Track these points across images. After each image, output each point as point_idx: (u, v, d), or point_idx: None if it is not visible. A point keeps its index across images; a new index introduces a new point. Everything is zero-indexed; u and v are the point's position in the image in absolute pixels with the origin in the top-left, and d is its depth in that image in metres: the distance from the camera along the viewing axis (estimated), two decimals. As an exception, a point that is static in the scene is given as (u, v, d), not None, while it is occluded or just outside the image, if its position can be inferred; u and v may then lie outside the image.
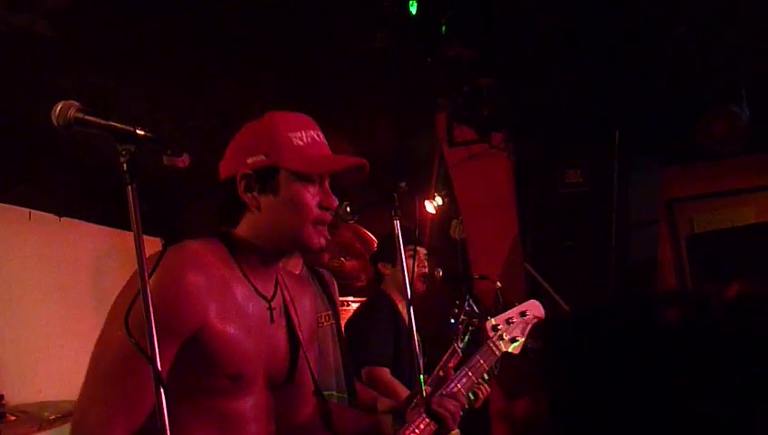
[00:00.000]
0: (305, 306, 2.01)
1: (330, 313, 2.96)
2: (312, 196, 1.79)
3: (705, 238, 5.48)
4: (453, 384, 2.29)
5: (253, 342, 1.74)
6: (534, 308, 2.61)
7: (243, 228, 1.81)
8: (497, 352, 2.46)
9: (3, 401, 3.64)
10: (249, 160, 1.77)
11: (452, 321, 2.89)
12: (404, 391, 3.73)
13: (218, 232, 1.83)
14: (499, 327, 2.49)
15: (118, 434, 1.55)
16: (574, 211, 5.13)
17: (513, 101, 4.86)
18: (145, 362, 1.37)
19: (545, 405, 5.29)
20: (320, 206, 1.80)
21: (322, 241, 1.82)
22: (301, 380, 1.94)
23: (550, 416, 5.19)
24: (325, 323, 2.89)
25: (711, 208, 5.62)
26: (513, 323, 2.53)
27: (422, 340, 2.84)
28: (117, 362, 1.57)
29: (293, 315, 1.92)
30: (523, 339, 2.54)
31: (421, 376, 2.27)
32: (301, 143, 1.79)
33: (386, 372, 3.72)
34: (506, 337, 2.49)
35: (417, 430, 2.13)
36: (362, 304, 4.06)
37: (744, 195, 5.65)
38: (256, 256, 1.80)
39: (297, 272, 2.60)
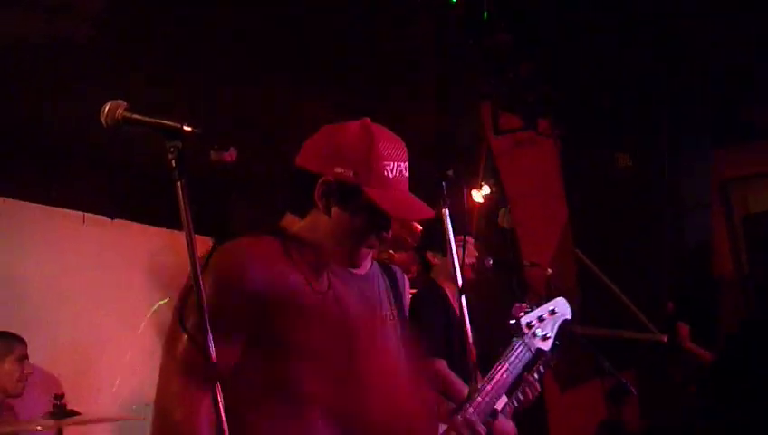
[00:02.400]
0: (358, 297, 2.05)
1: (395, 312, 2.93)
2: (377, 228, 1.82)
3: (761, 218, 5.36)
4: (483, 393, 2.26)
5: (314, 329, 1.76)
6: (562, 306, 2.61)
7: (306, 224, 1.83)
8: (532, 349, 2.46)
9: (63, 401, 3.72)
10: (337, 170, 1.77)
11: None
12: (460, 384, 3.71)
13: (272, 228, 1.85)
14: (532, 324, 2.49)
15: (202, 425, 1.57)
16: (625, 196, 5.05)
17: (558, 87, 4.80)
18: (222, 350, 1.41)
19: (600, 392, 5.23)
20: (377, 235, 1.83)
21: (362, 261, 1.89)
22: (360, 368, 1.94)
23: (606, 401, 5.14)
24: (389, 323, 2.88)
25: (767, 188, 5.48)
26: (544, 319, 2.54)
27: (474, 329, 2.80)
28: (188, 355, 1.58)
29: (347, 306, 1.93)
30: (553, 335, 2.54)
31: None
32: (390, 175, 1.79)
33: (442, 363, 3.70)
34: (539, 334, 2.50)
35: None
36: (414, 295, 4.02)
37: (800, 173, 5.50)
38: (309, 253, 1.82)
39: (368, 266, 2.60)
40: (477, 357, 2.55)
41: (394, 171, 1.80)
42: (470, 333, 2.29)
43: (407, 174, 1.85)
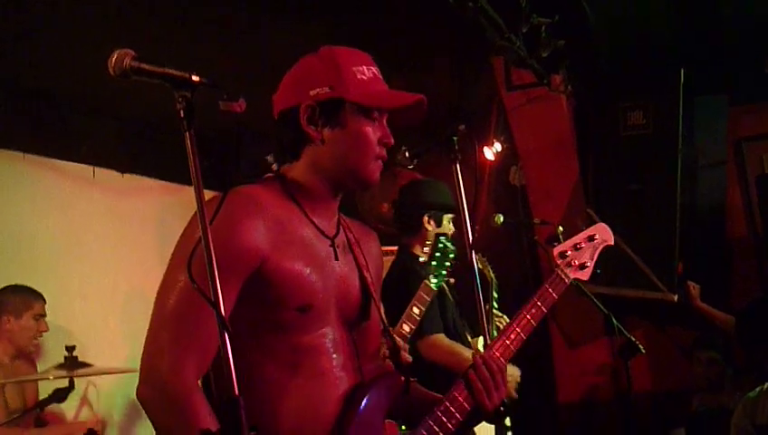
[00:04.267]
0: (372, 249, 2.00)
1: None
2: (373, 131, 1.79)
3: (775, 179, 5.29)
4: (509, 331, 2.12)
5: (319, 275, 1.74)
6: (603, 232, 2.47)
7: (304, 162, 1.80)
8: (566, 280, 2.31)
9: (74, 352, 3.77)
10: (312, 92, 1.76)
11: (422, 259, 2.87)
12: (466, 350, 3.69)
13: (275, 173, 1.83)
14: (567, 254, 2.36)
15: (190, 376, 1.57)
16: (638, 154, 5.00)
17: (572, 42, 4.72)
18: (204, 304, 1.39)
19: (609, 351, 5.24)
20: (380, 142, 1.80)
21: (378, 176, 1.83)
22: (372, 319, 1.93)
23: (614, 360, 5.15)
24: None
25: (782, 148, 5.42)
26: (581, 247, 2.39)
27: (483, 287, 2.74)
28: (182, 306, 1.59)
29: (359, 255, 1.91)
30: (592, 263, 2.40)
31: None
32: (364, 78, 1.79)
33: (440, 336, 3.67)
34: (576, 263, 2.35)
35: (452, 407, 1.95)
36: (395, 270, 3.77)
37: (816, 133, 5.42)
38: (316, 193, 1.81)
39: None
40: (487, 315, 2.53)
41: (367, 74, 1.80)
42: (480, 292, 2.25)
43: (381, 77, 1.83)
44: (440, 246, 2.90)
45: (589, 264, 2.39)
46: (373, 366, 1.96)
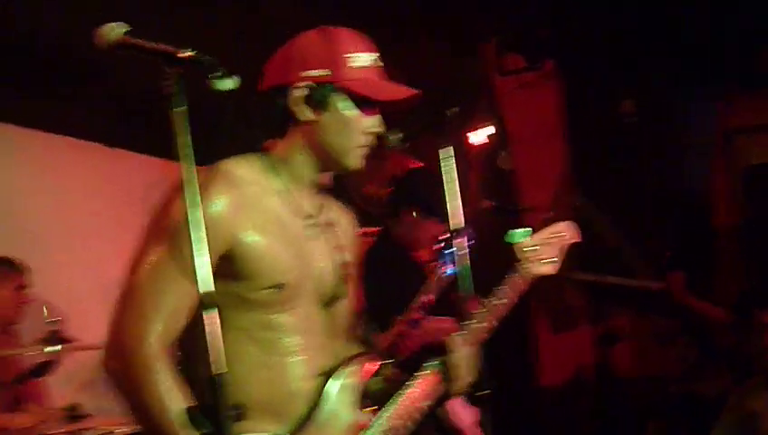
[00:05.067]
0: (349, 230, 2.00)
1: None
2: (363, 119, 1.77)
3: (761, 169, 5.33)
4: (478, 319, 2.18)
5: (294, 254, 1.74)
6: (568, 229, 2.48)
7: (289, 140, 1.79)
8: (529, 276, 2.34)
9: (59, 327, 3.75)
10: (305, 74, 1.73)
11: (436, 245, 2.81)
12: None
13: (260, 149, 1.82)
14: (532, 248, 2.38)
15: (154, 347, 1.58)
16: (627, 141, 5.02)
17: (565, 29, 4.72)
18: (179, 277, 1.46)
19: (591, 337, 5.28)
20: (367, 130, 1.79)
21: (361, 163, 1.82)
22: (347, 298, 1.93)
23: (597, 346, 5.19)
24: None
25: (770, 139, 5.45)
26: (546, 243, 2.41)
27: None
28: (149, 280, 1.59)
29: (337, 235, 1.91)
30: (559, 260, 2.41)
31: None
32: (362, 65, 1.76)
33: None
34: (540, 258, 2.37)
35: (422, 390, 2.00)
36: (378, 254, 3.76)
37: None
38: (298, 173, 1.80)
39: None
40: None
41: (366, 61, 1.77)
42: (462, 278, 2.25)
43: (380, 64, 1.81)
44: (449, 252, 2.87)
45: (555, 259, 2.41)
46: (346, 345, 1.97)
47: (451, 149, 2.24)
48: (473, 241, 2.27)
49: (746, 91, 5.33)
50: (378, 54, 1.81)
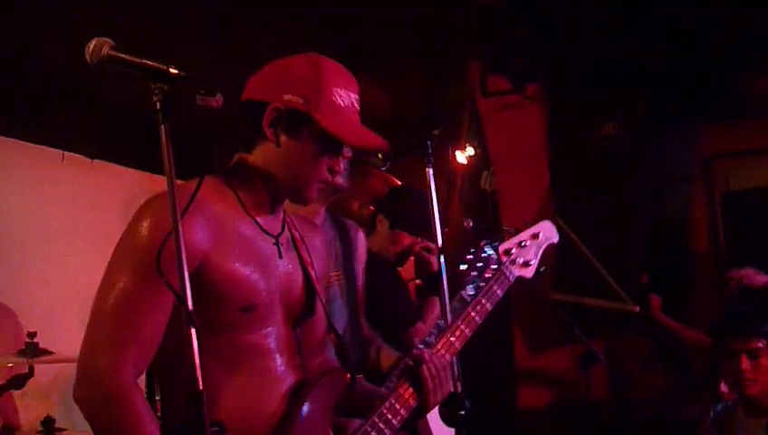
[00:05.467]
0: (316, 246, 2.00)
1: (339, 272, 2.76)
2: (329, 157, 1.79)
3: (740, 196, 5.39)
4: (453, 329, 2.15)
5: (262, 274, 1.73)
6: (547, 230, 2.49)
7: (255, 157, 1.80)
8: (511, 278, 2.33)
9: (35, 339, 3.71)
10: (286, 97, 1.74)
11: (462, 266, 2.76)
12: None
13: (223, 169, 1.82)
14: (512, 251, 2.38)
15: (127, 374, 1.56)
16: (608, 165, 5.06)
17: (549, 52, 4.77)
18: (153, 300, 1.47)
19: (570, 358, 5.30)
20: (330, 169, 1.81)
21: (314, 197, 1.83)
22: (317, 315, 1.92)
23: (574, 368, 5.20)
24: (335, 284, 2.73)
25: (748, 167, 5.51)
26: (525, 245, 2.42)
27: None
28: (121, 304, 1.57)
29: (303, 252, 1.90)
30: (536, 262, 2.42)
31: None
32: (341, 103, 1.77)
33: (419, 326, 3.66)
34: (519, 261, 2.38)
35: (397, 404, 1.99)
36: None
37: (782, 153, 5.52)
38: (261, 191, 1.80)
39: (317, 221, 2.53)
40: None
41: (345, 100, 1.78)
42: (446, 293, 2.26)
43: (358, 106, 1.82)
44: (483, 255, 2.80)
45: (533, 262, 2.41)
46: (318, 362, 1.96)
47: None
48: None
49: (725, 117, 5.39)
50: (357, 96, 1.83)
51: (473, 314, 2.19)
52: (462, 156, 5.38)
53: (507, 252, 2.38)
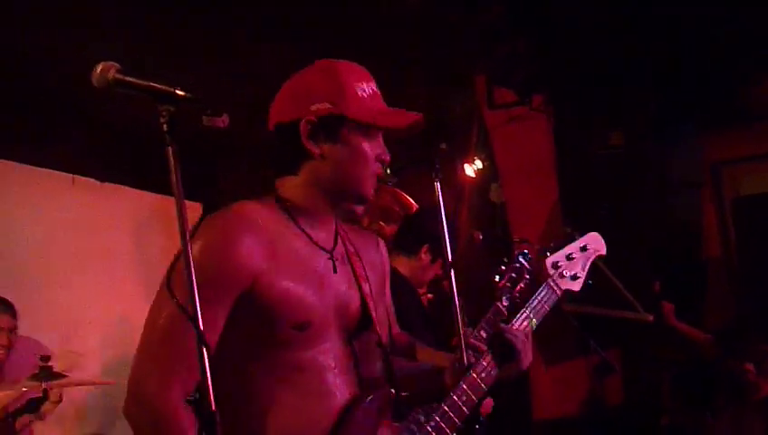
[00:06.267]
0: (372, 258, 2.00)
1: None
2: (372, 148, 1.80)
3: (751, 201, 5.37)
4: (516, 325, 2.16)
5: (316, 291, 1.74)
6: (596, 241, 2.42)
7: (303, 177, 1.80)
8: (558, 291, 2.29)
9: (49, 362, 3.72)
10: (313, 108, 1.76)
11: (496, 278, 2.73)
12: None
13: (271, 190, 1.83)
14: (559, 264, 2.32)
15: (175, 394, 1.57)
16: (616, 173, 5.05)
17: (553, 63, 4.77)
18: (203, 322, 1.41)
19: (584, 370, 5.27)
20: (377, 158, 1.82)
21: (373, 193, 1.85)
22: (371, 330, 1.91)
23: (589, 378, 5.18)
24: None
25: (758, 171, 5.50)
26: (573, 258, 2.35)
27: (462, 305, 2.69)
28: (171, 326, 1.59)
29: (357, 266, 1.90)
30: (584, 275, 2.35)
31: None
32: (365, 95, 1.80)
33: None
34: (567, 274, 2.31)
35: (483, 374, 2.02)
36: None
37: (793, 157, 5.50)
38: (314, 208, 1.81)
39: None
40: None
41: (367, 91, 1.81)
42: (459, 310, 2.25)
43: (379, 92, 1.85)
44: (517, 265, 2.75)
45: (580, 275, 2.34)
46: (374, 376, 1.94)
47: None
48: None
49: (733, 123, 5.39)
50: (374, 82, 1.85)
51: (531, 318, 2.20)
52: (470, 169, 5.39)
53: (555, 265, 2.32)
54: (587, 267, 2.37)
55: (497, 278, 2.73)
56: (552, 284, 2.29)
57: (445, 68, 5.01)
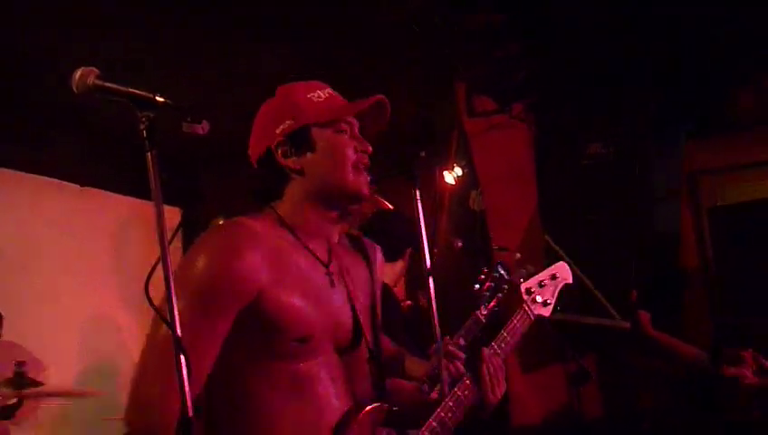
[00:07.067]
0: (360, 274, 2.04)
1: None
2: (344, 142, 1.85)
3: (728, 211, 5.42)
4: (494, 349, 2.24)
5: (316, 305, 1.77)
6: (563, 271, 2.55)
7: (289, 198, 1.85)
8: (532, 316, 2.39)
9: (24, 368, 3.70)
10: (278, 130, 1.82)
11: (476, 286, 2.80)
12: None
13: (269, 206, 1.87)
14: (532, 290, 2.45)
15: (175, 403, 1.57)
16: (596, 183, 5.08)
17: (534, 73, 4.80)
18: (199, 333, 1.48)
19: (562, 376, 5.29)
20: (355, 150, 1.86)
21: (367, 187, 1.87)
22: (362, 345, 1.95)
23: (566, 385, 5.20)
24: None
25: (735, 181, 5.55)
26: (544, 285, 2.48)
27: (440, 313, 2.71)
28: (171, 336, 1.59)
29: (349, 283, 1.95)
30: (553, 301, 2.47)
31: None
32: (321, 99, 1.86)
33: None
34: (539, 300, 2.44)
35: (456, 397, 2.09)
36: None
37: (768, 167, 5.56)
38: (310, 223, 1.85)
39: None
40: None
41: (322, 96, 1.87)
42: (437, 318, 2.26)
43: (336, 94, 1.91)
44: (496, 275, 2.83)
45: (550, 301, 2.47)
46: (366, 390, 1.98)
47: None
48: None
49: (712, 132, 5.44)
50: (330, 89, 1.91)
51: (497, 348, 2.26)
52: (450, 176, 5.41)
53: (528, 291, 2.45)
54: (555, 294, 2.50)
55: (476, 286, 2.79)
56: (526, 308, 2.41)
57: (425, 76, 5.03)
